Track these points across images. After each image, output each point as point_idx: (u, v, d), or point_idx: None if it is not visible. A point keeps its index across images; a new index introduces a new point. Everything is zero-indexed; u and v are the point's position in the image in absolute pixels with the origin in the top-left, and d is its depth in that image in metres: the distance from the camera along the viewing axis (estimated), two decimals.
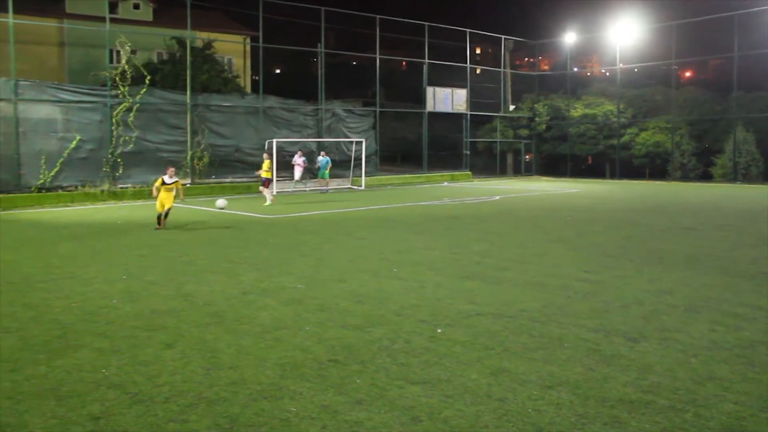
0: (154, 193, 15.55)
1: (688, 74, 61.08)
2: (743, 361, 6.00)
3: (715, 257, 11.57)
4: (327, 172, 27.46)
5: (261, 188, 22.52)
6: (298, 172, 27.05)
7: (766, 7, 34.38)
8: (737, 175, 33.60)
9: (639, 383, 5.47)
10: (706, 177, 35.40)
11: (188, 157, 26.97)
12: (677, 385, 5.42)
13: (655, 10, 49.43)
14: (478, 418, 4.79)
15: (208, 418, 4.81)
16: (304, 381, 5.54)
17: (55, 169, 23.66)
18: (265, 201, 21.96)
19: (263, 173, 21.94)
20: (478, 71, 43.97)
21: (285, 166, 27.56)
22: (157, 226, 15.39)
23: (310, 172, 28.88)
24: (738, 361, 6.00)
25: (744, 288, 9.05)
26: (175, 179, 15.72)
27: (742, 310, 7.82)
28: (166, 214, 15.57)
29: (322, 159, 27.42)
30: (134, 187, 25.04)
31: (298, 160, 26.88)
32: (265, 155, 23.07)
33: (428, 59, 36.95)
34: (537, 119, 42.47)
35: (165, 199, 15.43)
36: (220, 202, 17.54)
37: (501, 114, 42.09)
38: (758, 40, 35.21)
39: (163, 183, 15.46)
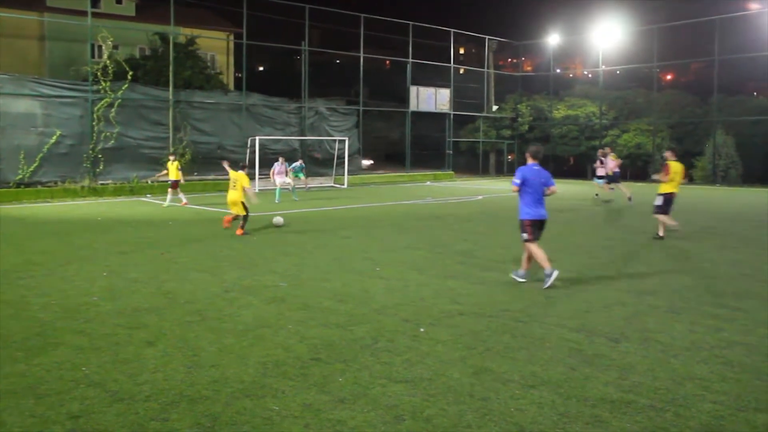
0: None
1: (669, 77, 61.74)
2: (722, 362, 6.06)
3: (696, 259, 11.69)
4: (301, 173, 26.71)
5: (170, 189, 20.51)
6: (279, 180, 23.59)
7: (746, 12, 34.84)
8: (717, 177, 33.98)
9: (620, 383, 5.51)
10: (685, 179, 35.74)
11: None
12: (658, 385, 5.46)
13: (638, 14, 49.88)
14: (460, 417, 4.80)
15: (189, 416, 4.77)
16: (287, 379, 5.52)
17: (35, 165, 23.39)
18: (166, 202, 20.37)
19: (171, 175, 20.05)
20: (461, 71, 44.13)
21: (269, 163, 27.29)
22: (235, 229, 14.23)
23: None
24: (717, 362, 6.06)
25: (724, 290, 9.15)
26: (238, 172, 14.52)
27: (722, 311, 7.91)
28: (236, 216, 14.37)
29: (297, 164, 26.59)
30: (115, 184, 24.82)
31: (279, 168, 23.54)
32: (171, 156, 20.92)
33: (412, 59, 36.99)
34: (520, 120, 42.68)
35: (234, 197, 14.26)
36: (278, 219, 15.78)
37: (484, 114, 42.24)
38: (738, 44, 35.69)
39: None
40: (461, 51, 62.88)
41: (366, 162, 39.00)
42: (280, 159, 23.75)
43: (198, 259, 11.11)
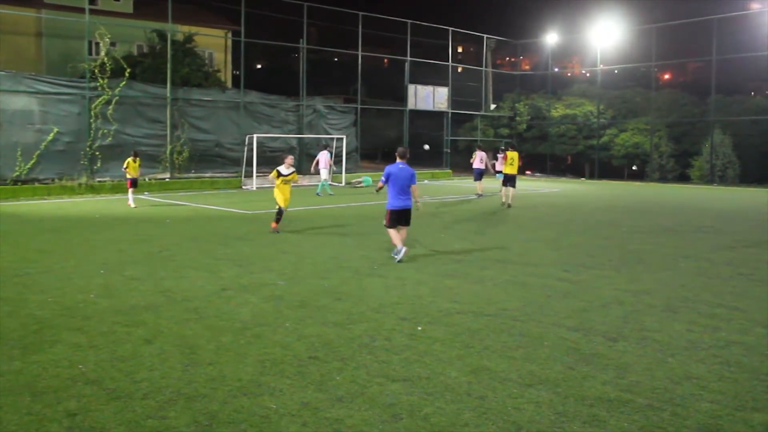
0: (276, 187, 14.01)
1: (667, 77, 61.74)
2: (719, 361, 6.07)
3: (694, 258, 11.70)
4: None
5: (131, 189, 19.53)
6: (325, 173, 24.69)
7: (744, 12, 34.87)
8: (714, 177, 34.01)
9: (618, 382, 5.51)
10: (683, 178, 35.80)
11: (168, 152, 26.71)
12: (655, 384, 5.47)
13: (636, 13, 49.85)
14: (458, 416, 4.80)
15: (186, 414, 4.76)
16: (284, 378, 5.51)
17: (32, 162, 23.31)
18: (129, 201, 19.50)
19: (131, 172, 19.29)
20: (459, 70, 44.05)
21: (267, 161, 27.31)
22: (273, 226, 14.01)
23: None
24: (714, 361, 6.07)
25: (721, 289, 9.17)
26: (292, 170, 14.16)
27: (719, 310, 7.92)
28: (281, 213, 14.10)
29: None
30: (112, 181, 24.76)
31: (328, 159, 24.47)
32: (133, 153, 20.02)
33: (410, 57, 36.94)
34: (518, 119, 42.67)
35: (286, 193, 14.03)
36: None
37: (482, 113, 42.22)
38: (736, 43, 35.70)
39: (279, 175, 13.93)
40: (459, 49, 62.78)
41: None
42: (327, 149, 24.45)
43: (195, 257, 11.10)
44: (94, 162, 24.76)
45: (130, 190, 19.48)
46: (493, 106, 43.58)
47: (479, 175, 25.12)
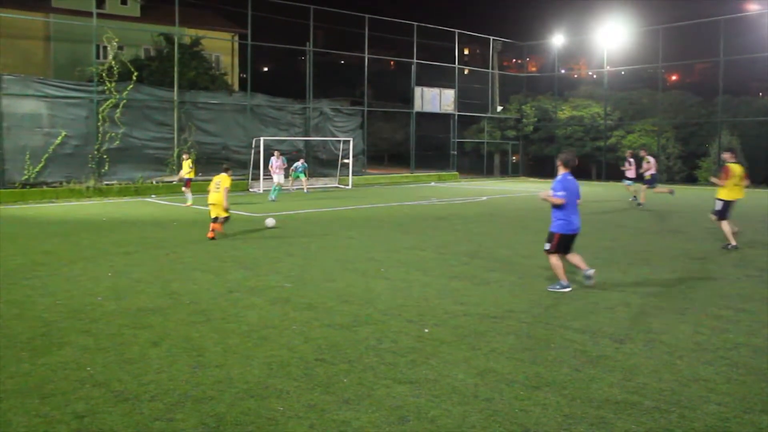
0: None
1: (674, 78, 61.62)
2: (727, 363, 6.04)
3: (701, 260, 11.66)
4: (303, 174, 26.77)
5: (184, 189, 20.88)
6: (277, 177, 23.86)
7: (751, 12, 34.73)
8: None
9: (625, 384, 5.50)
10: (691, 179, 35.68)
11: (175, 155, 26.81)
12: (662, 387, 5.45)
13: (642, 14, 49.77)
14: (465, 418, 4.80)
15: (194, 416, 4.78)
16: (291, 380, 5.52)
17: (40, 165, 23.45)
18: (186, 202, 20.68)
19: (185, 174, 20.40)
20: (466, 72, 44.06)
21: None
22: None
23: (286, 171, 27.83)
24: (722, 363, 6.05)
25: (728, 291, 9.13)
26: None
27: (727, 312, 7.89)
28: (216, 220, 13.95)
29: (299, 164, 26.74)
30: (120, 184, 24.87)
31: (276, 163, 23.88)
32: (184, 155, 21.30)
33: (416, 59, 36.96)
34: (524, 120, 42.59)
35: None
36: (270, 221, 15.56)
37: (488, 115, 42.18)
38: (744, 44, 35.54)
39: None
40: (466, 52, 62.80)
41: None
42: (276, 153, 23.90)
43: (202, 260, 11.13)
44: (102, 165, 24.88)
45: (184, 189, 20.77)
46: (499, 108, 43.54)
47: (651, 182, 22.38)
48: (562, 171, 9.15)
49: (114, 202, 22.08)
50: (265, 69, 68.75)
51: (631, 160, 23.38)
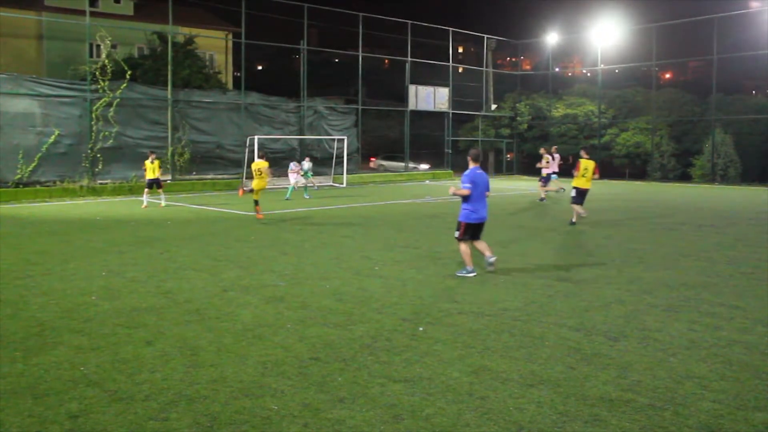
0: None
1: (667, 76, 61.80)
2: (721, 360, 6.06)
3: (695, 257, 11.69)
4: (310, 173, 27.05)
5: (147, 190, 20.30)
6: (294, 178, 24.35)
7: (745, 11, 34.84)
8: (715, 176, 33.99)
9: (619, 382, 5.51)
10: (684, 177, 35.79)
11: (169, 153, 26.76)
12: (657, 384, 5.46)
13: (636, 12, 49.89)
14: (459, 416, 4.80)
15: (188, 416, 4.77)
16: (286, 379, 5.51)
17: (33, 164, 23.37)
18: (155, 204, 20.24)
19: (152, 176, 19.76)
20: (460, 70, 44.07)
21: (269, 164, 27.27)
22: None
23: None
24: (716, 360, 6.06)
25: (722, 288, 9.16)
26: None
27: (721, 309, 7.91)
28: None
29: (306, 163, 26.86)
30: (114, 183, 24.80)
31: (295, 167, 24.41)
32: (151, 156, 20.03)
33: (411, 57, 36.96)
34: (518, 119, 42.66)
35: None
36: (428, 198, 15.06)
37: (483, 113, 42.23)
38: (737, 42, 35.72)
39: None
40: (460, 50, 62.86)
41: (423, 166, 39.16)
42: (296, 161, 24.76)
43: (196, 259, 11.10)
44: (96, 164, 24.82)
45: (146, 191, 20.18)
46: (494, 107, 43.58)
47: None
48: (471, 165, 10.15)
49: (108, 201, 22.01)
50: (260, 67, 68.66)
51: (548, 156, 23.91)
